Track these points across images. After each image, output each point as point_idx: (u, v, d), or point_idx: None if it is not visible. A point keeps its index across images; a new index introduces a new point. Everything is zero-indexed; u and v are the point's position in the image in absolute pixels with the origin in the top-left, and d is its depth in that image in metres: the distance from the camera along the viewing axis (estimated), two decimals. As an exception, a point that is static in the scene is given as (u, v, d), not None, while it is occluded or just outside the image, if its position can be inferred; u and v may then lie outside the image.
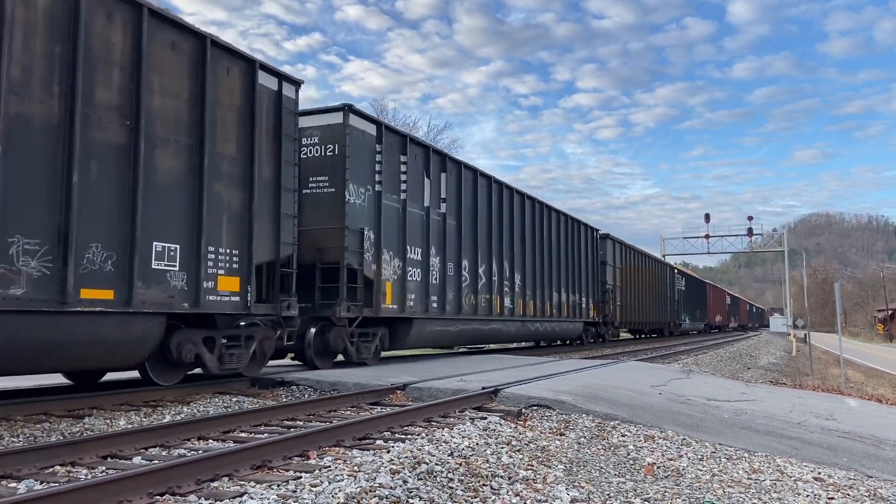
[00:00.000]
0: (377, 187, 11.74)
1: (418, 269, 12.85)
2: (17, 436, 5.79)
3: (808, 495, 4.99)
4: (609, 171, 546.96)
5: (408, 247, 12.52)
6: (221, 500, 3.85)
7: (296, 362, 11.63)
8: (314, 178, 11.15)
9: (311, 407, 7.24)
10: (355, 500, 3.84)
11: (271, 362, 10.92)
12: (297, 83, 9.82)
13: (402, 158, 12.56)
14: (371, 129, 11.78)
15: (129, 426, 6.29)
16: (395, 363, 12.59)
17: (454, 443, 5.51)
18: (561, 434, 6.36)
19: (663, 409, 8.09)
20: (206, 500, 3.87)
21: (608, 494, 4.49)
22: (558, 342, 24.51)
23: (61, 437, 5.79)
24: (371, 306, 11.41)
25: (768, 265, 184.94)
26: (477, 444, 5.56)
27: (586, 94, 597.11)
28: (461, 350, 18.78)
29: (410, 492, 4.10)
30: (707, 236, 66.07)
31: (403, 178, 12.51)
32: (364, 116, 11.67)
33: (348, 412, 7.31)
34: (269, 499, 3.83)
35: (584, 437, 6.31)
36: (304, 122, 10.86)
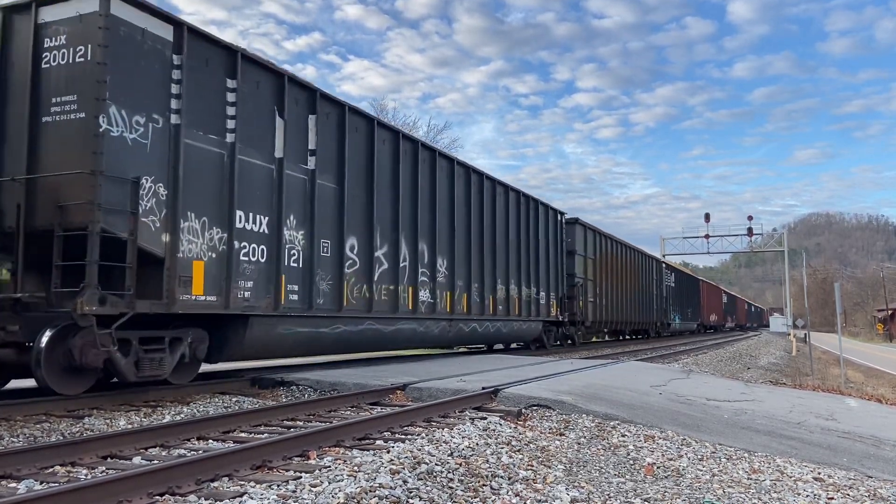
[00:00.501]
0: (173, 118, 7.98)
1: (261, 246, 9.14)
2: (17, 436, 5.79)
3: (808, 495, 4.99)
4: (609, 170, 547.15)
5: (238, 212, 8.77)
6: (221, 500, 3.85)
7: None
8: (58, 99, 7.37)
9: (311, 407, 7.25)
10: (355, 500, 3.84)
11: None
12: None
13: (230, 84, 8.79)
14: (162, 31, 7.94)
15: (129, 426, 6.29)
16: (395, 363, 12.58)
17: (454, 443, 5.52)
18: (561, 434, 6.37)
19: (663, 409, 8.09)
20: (206, 500, 3.87)
21: (608, 494, 4.50)
22: (511, 346, 20.45)
23: (61, 437, 5.79)
24: (159, 298, 7.69)
25: (768, 265, 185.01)
26: (477, 444, 5.56)
27: (586, 94, 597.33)
28: (461, 350, 18.73)
29: (410, 492, 4.10)
30: (707, 236, 66.07)
31: (231, 112, 8.75)
32: (146, 8, 7.77)
33: (348, 412, 7.31)
34: (269, 499, 3.83)
35: (584, 437, 6.31)
36: (48, 14, 7.56)
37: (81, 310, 6.81)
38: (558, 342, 21.59)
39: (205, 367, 10.75)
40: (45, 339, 6.84)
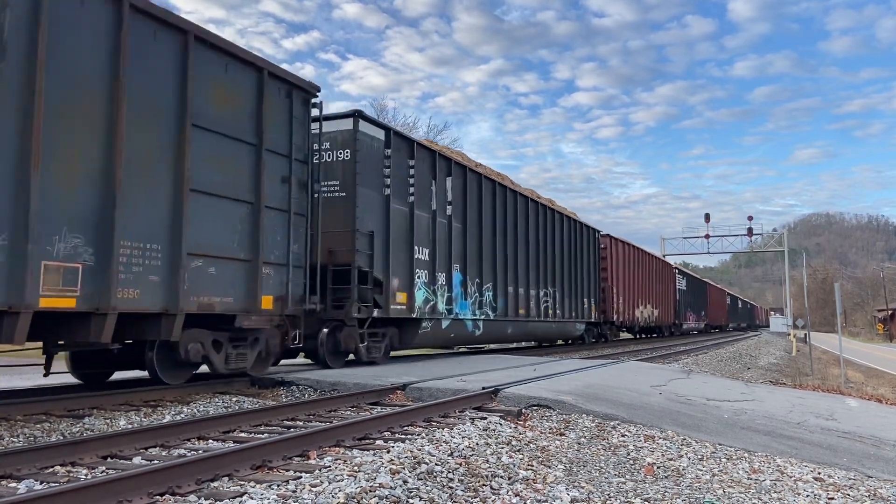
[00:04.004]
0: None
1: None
2: (17, 436, 5.79)
3: (808, 495, 4.99)
4: (609, 170, 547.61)
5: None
6: (221, 500, 3.85)
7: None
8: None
9: (311, 407, 7.24)
10: (355, 500, 3.84)
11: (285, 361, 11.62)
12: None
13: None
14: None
15: (129, 426, 6.29)
16: (395, 363, 12.58)
17: (454, 443, 5.51)
18: (561, 434, 6.36)
19: (663, 409, 8.09)
20: (206, 500, 3.87)
21: (608, 494, 4.50)
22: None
23: (61, 437, 5.79)
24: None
25: (768, 265, 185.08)
26: (477, 444, 5.56)
27: (586, 93, 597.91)
28: (461, 350, 18.77)
29: (410, 492, 4.10)
30: (707, 236, 66.13)
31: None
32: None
33: (348, 412, 7.31)
34: (269, 499, 3.83)
35: (584, 437, 6.31)
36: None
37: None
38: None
39: (204, 368, 10.77)
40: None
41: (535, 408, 7.43)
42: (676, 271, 40.44)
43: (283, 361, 11.50)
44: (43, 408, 6.80)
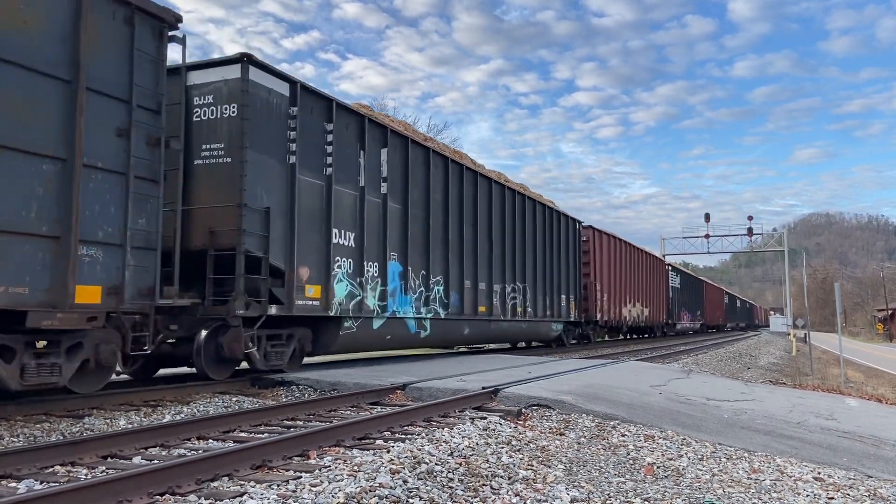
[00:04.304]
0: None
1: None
2: (17, 436, 5.79)
3: (808, 495, 4.99)
4: (609, 170, 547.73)
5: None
6: (221, 500, 3.85)
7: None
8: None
9: (310, 407, 7.25)
10: (355, 500, 3.84)
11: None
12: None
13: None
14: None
15: (129, 426, 6.29)
16: (395, 363, 12.58)
17: (454, 443, 5.52)
18: (561, 434, 6.36)
19: (663, 409, 8.09)
20: (206, 499, 3.87)
21: (608, 494, 4.50)
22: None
23: (61, 437, 5.79)
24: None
25: (768, 265, 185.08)
26: (477, 443, 5.56)
27: (586, 93, 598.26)
28: (461, 350, 18.74)
29: (410, 492, 4.10)
30: (707, 236, 66.11)
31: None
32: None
33: (348, 412, 7.31)
34: (269, 498, 3.83)
35: (584, 437, 6.31)
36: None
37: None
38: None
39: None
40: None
41: (534, 407, 7.43)
42: (669, 268, 38.62)
43: (163, 371, 9.75)
44: (43, 408, 6.80)
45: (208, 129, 9.16)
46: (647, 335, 35.67)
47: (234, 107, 9.09)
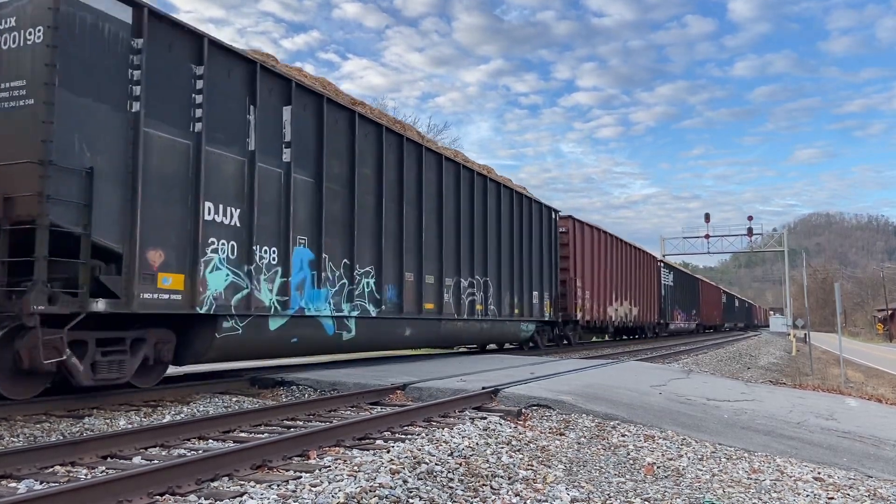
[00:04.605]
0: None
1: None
2: (17, 436, 5.79)
3: (808, 495, 4.99)
4: (609, 170, 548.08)
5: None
6: (221, 500, 3.85)
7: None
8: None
9: (310, 407, 7.25)
10: (355, 500, 3.84)
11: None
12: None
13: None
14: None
15: (129, 426, 6.29)
16: (395, 363, 12.58)
17: (454, 443, 5.52)
18: (561, 434, 6.36)
19: (663, 409, 8.09)
20: (206, 499, 3.87)
21: (608, 494, 4.50)
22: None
23: (61, 437, 5.79)
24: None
25: (768, 265, 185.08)
26: (477, 444, 5.56)
27: (586, 93, 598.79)
28: (461, 350, 18.72)
29: (410, 492, 4.10)
30: (707, 236, 66.12)
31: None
32: None
33: (348, 412, 7.31)
34: (269, 498, 3.83)
35: (584, 437, 6.31)
36: None
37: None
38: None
39: (205, 367, 10.78)
40: None
41: (534, 408, 7.44)
42: (662, 265, 36.30)
43: None
44: (43, 408, 6.80)
45: (8, 63, 6.95)
46: (636, 336, 33.71)
47: (39, 31, 6.83)
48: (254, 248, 8.94)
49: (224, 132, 8.64)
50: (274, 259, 9.35)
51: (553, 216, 20.46)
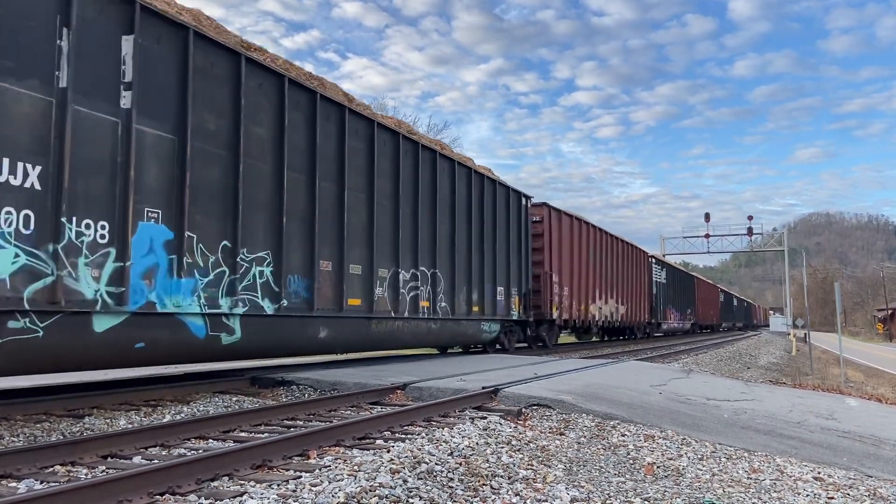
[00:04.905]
0: None
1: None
2: (17, 435, 5.79)
3: (807, 495, 4.99)
4: (609, 169, 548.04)
5: None
6: (221, 500, 3.85)
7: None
8: None
9: (311, 407, 7.25)
10: (355, 500, 3.84)
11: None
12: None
13: None
14: None
15: (129, 426, 6.29)
16: (395, 363, 12.59)
17: (454, 442, 5.52)
18: (561, 434, 6.37)
19: (663, 409, 8.10)
20: (206, 499, 3.87)
21: (608, 494, 4.50)
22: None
23: (61, 437, 5.79)
24: None
25: (768, 265, 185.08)
26: (477, 443, 5.56)
27: (586, 93, 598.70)
28: (460, 350, 18.70)
29: (410, 491, 4.10)
30: (707, 235, 66.19)
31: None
32: None
33: (348, 412, 7.32)
34: (269, 498, 3.83)
35: (584, 437, 6.31)
36: None
37: None
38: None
39: (205, 367, 10.79)
40: None
41: (534, 407, 7.44)
42: (653, 261, 33.74)
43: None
44: (43, 407, 6.80)
45: None
46: (624, 337, 31.11)
47: None
48: (63, 220, 6.62)
49: (14, 59, 6.29)
50: (102, 237, 7.05)
51: (524, 202, 17.97)
